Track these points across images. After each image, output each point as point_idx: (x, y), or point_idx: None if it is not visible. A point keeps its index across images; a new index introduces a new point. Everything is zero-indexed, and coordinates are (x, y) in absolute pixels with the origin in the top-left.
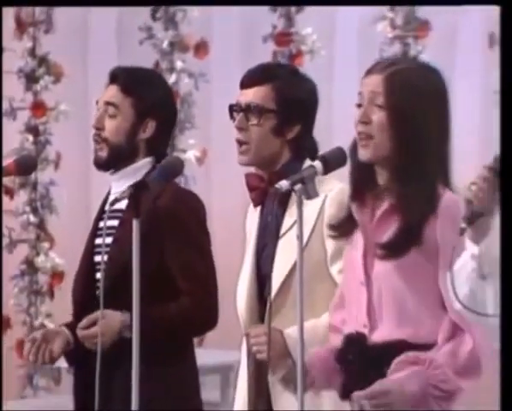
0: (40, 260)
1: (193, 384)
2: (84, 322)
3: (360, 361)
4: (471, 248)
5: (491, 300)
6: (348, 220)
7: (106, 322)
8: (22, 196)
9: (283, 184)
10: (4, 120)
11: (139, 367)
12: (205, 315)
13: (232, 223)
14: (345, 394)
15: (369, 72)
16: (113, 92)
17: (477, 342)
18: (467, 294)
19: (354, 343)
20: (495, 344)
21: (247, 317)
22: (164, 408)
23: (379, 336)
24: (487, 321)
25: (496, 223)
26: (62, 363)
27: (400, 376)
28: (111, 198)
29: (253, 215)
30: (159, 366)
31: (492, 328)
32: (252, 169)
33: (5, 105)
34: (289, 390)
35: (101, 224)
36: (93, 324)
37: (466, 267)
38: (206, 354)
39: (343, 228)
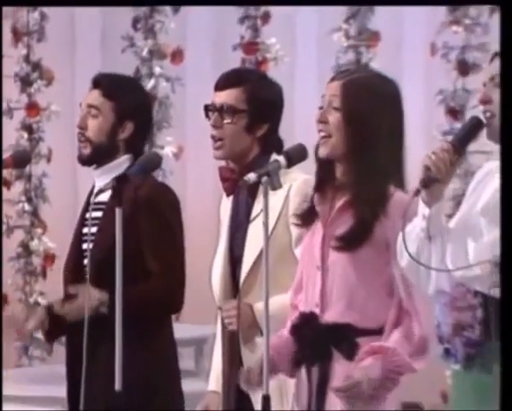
0: (34, 244)
1: (172, 355)
2: (66, 296)
3: (311, 336)
4: (422, 210)
5: (435, 260)
6: (310, 210)
7: (85, 297)
8: (18, 187)
9: (251, 176)
10: (4, 119)
11: (111, 344)
12: (171, 296)
13: (206, 211)
14: (295, 362)
15: (332, 79)
16: (95, 96)
17: (424, 326)
18: (414, 252)
19: (307, 320)
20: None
21: (221, 294)
22: (145, 378)
23: (329, 316)
24: (429, 281)
25: (447, 190)
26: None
27: (365, 365)
28: (95, 191)
29: (226, 204)
30: (138, 341)
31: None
32: (224, 163)
33: (3, 106)
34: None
35: (87, 215)
36: (74, 297)
37: (416, 228)
38: (183, 328)
39: (306, 217)
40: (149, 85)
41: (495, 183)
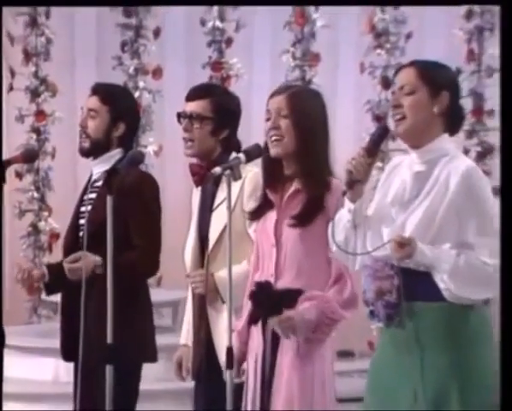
0: (42, 225)
1: (147, 314)
2: (70, 258)
3: (266, 300)
4: (348, 205)
5: (359, 244)
6: (262, 204)
7: (84, 260)
8: (28, 178)
9: (217, 170)
10: (15, 124)
11: (102, 305)
12: (148, 264)
13: (180, 198)
14: (251, 321)
15: (273, 94)
16: (94, 102)
17: (354, 284)
18: (342, 240)
19: (263, 288)
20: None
21: (192, 265)
22: (124, 332)
23: (281, 284)
24: (355, 260)
25: (367, 187)
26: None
27: (301, 307)
28: (93, 178)
29: (196, 193)
30: (121, 300)
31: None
32: (194, 160)
33: (16, 113)
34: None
35: (85, 197)
36: (75, 261)
37: (343, 219)
38: (162, 292)
39: (259, 211)
40: (135, 96)
41: (401, 175)
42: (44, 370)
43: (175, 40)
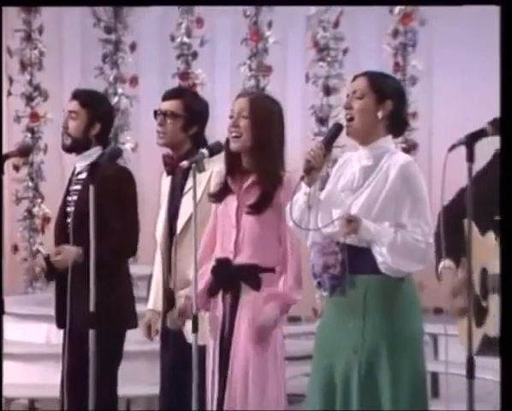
0: (35, 210)
1: (128, 287)
2: (53, 251)
3: (226, 274)
4: (304, 188)
5: (312, 223)
6: (223, 190)
7: (66, 253)
8: (24, 170)
9: (185, 163)
10: (13, 124)
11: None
12: (127, 246)
13: (154, 188)
14: (211, 293)
15: (238, 97)
16: (74, 105)
17: (298, 267)
18: (297, 217)
19: (223, 263)
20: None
21: (163, 245)
22: (109, 303)
23: (239, 260)
24: (307, 236)
25: (322, 174)
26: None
27: (268, 309)
28: (76, 171)
29: (166, 181)
30: (106, 276)
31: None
32: (168, 152)
33: (13, 115)
34: None
35: (70, 188)
36: (58, 254)
37: (299, 200)
38: (140, 267)
39: (220, 195)
40: (114, 100)
41: (351, 167)
42: (38, 334)
43: (148, 53)
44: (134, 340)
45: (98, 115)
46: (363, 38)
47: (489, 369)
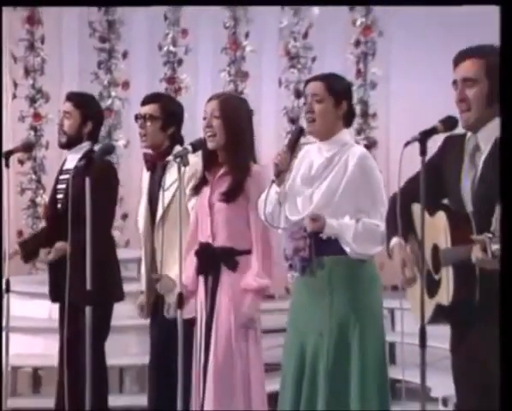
0: (38, 200)
1: (115, 267)
2: (43, 252)
3: (207, 256)
4: (274, 188)
5: (282, 218)
6: (200, 183)
7: (55, 250)
8: (28, 164)
9: (170, 158)
10: (18, 123)
11: (81, 260)
12: (108, 231)
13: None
14: (198, 272)
15: (209, 100)
16: (68, 106)
17: (267, 254)
18: (270, 212)
19: (204, 246)
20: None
21: (144, 230)
22: (99, 281)
23: (217, 243)
24: (278, 226)
25: (290, 176)
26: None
27: (247, 303)
28: (67, 164)
29: (146, 175)
30: (98, 261)
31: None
32: (147, 150)
33: (18, 115)
34: None
35: (60, 177)
36: (49, 253)
37: (271, 198)
38: (130, 251)
39: (198, 188)
40: (108, 102)
41: (309, 158)
42: (40, 310)
43: (138, 60)
44: (126, 316)
45: (89, 114)
46: (329, 48)
47: (440, 338)
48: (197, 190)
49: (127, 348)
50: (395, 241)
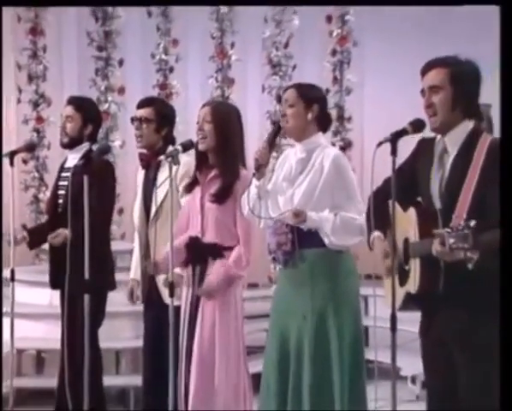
0: (41, 196)
1: (109, 261)
2: (51, 235)
3: (196, 249)
4: (255, 182)
5: (263, 210)
6: (192, 182)
7: (61, 235)
8: (31, 163)
9: (162, 158)
10: (22, 126)
11: (79, 252)
12: (106, 225)
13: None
14: (185, 264)
15: (203, 106)
16: (69, 110)
17: (246, 252)
18: (251, 206)
19: (194, 240)
20: (261, 225)
21: (139, 226)
22: (95, 272)
23: (206, 239)
24: (260, 220)
25: (268, 170)
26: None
27: (216, 272)
28: (67, 162)
29: (141, 173)
30: (94, 251)
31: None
32: (142, 150)
33: (22, 118)
34: None
35: (61, 174)
36: (55, 237)
37: (252, 192)
38: (125, 244)
39: (190, 186)
40: (105, 106)
41: (289, 160)
42: (42, 297)
43: (133, 68)
44: (120, 303)
45: (90, 117)
46: (308, 57)
47: (410, 322)
48: (189, 189)
49: (122, 332)
50: (375, 234)
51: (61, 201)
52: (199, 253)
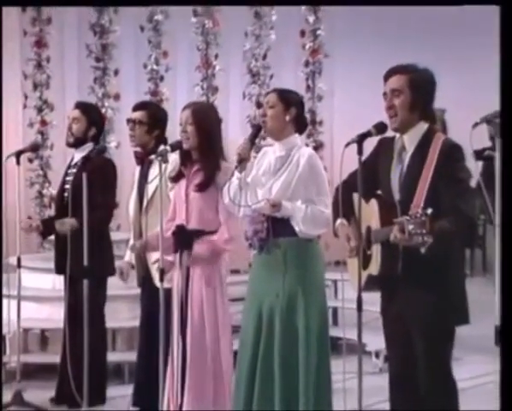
0: (45, 192)
1: (109, 249)
2: (59, 221)
3: (182, 236)
4: (237, 175)
5: (243, 200)
6: (178, 174)
7: (67, 223)
8: (35, 162)
9: (152, 157)
10: (27, 128)
11: (80, 242)
12: (107, 217)
13: (131, 175)
14: (175, 250)
15: (184, 108)
16: (76, 113)
17: (230, 230)
18: (232, 196)
19: (180, 228)
20: (239, 213)
21: (133, 215)
22: (96, 258)
23: (191, 226)
24: (239, 210)
25: (250, 165)
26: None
27: (199, 246)
28: (74, 160)
29: (137, 170)
30: (92, 241)
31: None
32: (138, 149)
33: (27, 121)
34: None
35: (68, 171)
36: (63, 224)
37: (233, 183)
38: (120, 234)
39: (177, 178)
40: (102, 111)
41: (268, 157)
42: (46, 281)
43: (127, 77)
44: (117, 286)
45: (94, 121)
46: (284, 67)
47: (374, 303)
48: (175, 179)
49: (119, 313)
50: (339, 221)
51: (66, 195)
52: (185, 239)
